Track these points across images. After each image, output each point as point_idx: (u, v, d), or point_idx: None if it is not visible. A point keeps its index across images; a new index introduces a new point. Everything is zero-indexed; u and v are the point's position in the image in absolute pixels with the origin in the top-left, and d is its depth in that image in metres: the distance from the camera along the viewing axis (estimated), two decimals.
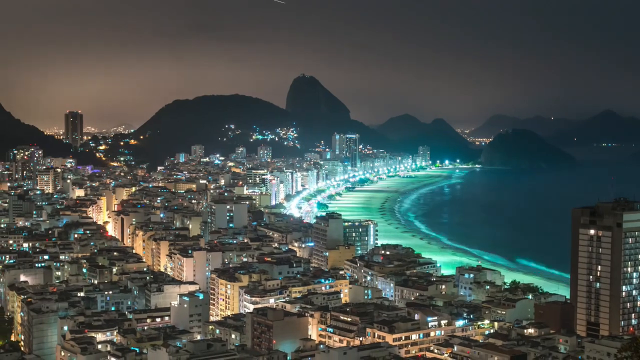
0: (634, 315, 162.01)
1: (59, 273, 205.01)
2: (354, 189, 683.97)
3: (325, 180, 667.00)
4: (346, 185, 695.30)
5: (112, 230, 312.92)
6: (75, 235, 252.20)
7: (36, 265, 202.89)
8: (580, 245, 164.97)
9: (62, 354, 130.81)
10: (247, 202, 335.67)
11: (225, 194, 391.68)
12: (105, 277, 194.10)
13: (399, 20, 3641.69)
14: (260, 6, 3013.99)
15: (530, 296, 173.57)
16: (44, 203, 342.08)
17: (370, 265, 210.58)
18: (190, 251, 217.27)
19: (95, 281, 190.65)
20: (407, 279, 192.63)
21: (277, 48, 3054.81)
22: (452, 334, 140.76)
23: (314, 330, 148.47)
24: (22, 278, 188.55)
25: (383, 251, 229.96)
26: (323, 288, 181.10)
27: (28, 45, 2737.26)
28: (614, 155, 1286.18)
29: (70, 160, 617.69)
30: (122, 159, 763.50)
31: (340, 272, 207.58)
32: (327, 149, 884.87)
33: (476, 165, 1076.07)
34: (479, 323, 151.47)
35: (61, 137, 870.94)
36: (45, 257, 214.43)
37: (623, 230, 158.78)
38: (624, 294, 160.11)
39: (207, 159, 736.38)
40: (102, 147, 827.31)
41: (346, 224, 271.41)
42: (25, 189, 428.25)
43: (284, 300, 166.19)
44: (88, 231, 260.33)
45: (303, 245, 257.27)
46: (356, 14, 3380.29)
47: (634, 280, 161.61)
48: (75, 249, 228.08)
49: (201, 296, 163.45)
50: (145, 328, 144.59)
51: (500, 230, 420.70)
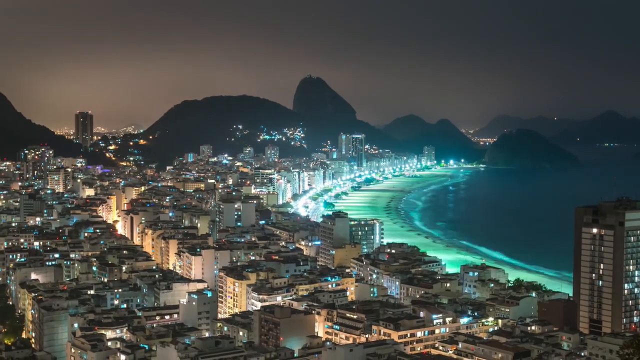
0: (636, 312, 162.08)
1: (69, 271, 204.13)
2: (360, 188, 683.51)
3: (331, 180, 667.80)
4: (352, 185, 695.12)
5: (122, 229, 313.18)
6: (86, 234, 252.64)
7: (47, 263, 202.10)
8: (583, 243, 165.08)
9: (73, 350, 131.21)
10: (255, 202, 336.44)
11: (233, 193, 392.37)
12: (115, 275, 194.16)
13: (405, 23, 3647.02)
14: (267, 9, 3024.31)
15: (533, 294, 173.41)
16: (54, 202, 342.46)
17: (376, 264, 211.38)
18: (198, 250, 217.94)
19: (105, 279, 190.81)
20: (413, 277, 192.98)
21: (284, 50, 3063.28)
22: (457, 331, 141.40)
23: (320, 328, 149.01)
24: (33, 276, 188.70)
25: (389, 249, 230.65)
26: (329, 286, 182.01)
27: (39, 46, 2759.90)
28: (616, 155, 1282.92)
29: (81, 160, 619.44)
30: (132, 158, 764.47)
31: (347, 270, 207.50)
32: (334, 149, 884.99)
33: (480, 165, 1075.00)
34: (483, 320, 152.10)
35: (71, 137, 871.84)
36: (56, 256, 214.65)
37: (625, 229, 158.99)
38: (626, 291, 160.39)
39: (216, 158, 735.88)
40: (112, 147, 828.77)
41: (352, 222, 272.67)
42: (36, 188, 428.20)
43: (291, 298, 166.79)
44: (98, 230, 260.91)
45: (310, 244, 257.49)
46: (363, 16, 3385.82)
47: (636, 278, 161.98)
48: (86, 248, 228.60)
49: (209, 294, 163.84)
50: (155, 325, 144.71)
51: (504, 229, 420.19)
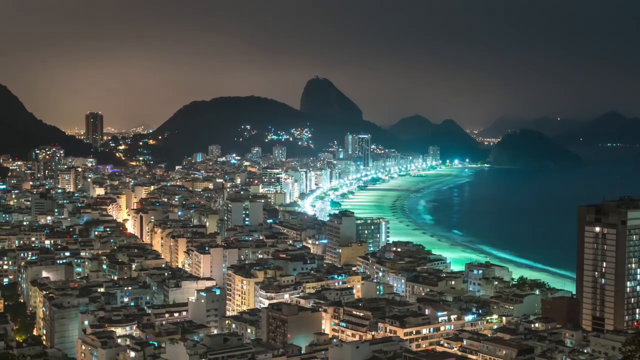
0: (638, 310, 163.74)
1: (79, 269, 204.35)
2: (366, 187, 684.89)
3: (338, 179, 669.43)
4: (358, 184, 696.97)
5: (132, 227, 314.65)
6: (96, 233, 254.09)
7: (58, 261, 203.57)
8: (586, 242, 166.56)
9: (83, 347, 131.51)
10: (263, 201, 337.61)
11: (241, 192, 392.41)
12: (125, 273, 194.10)
13: (411, 25, 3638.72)
14: (275, 11, 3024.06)
15: (537, 292, 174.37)
16: (65, 201, 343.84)
17: (382, 262, 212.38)
18: (207, 248, 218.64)
19: (115, 277, 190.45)
20: (418, 275, 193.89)
21: (292, 51, 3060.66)
22: (462, 328, 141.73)
23: (327, 325, 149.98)
24: (44, 274, 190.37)
25: (394, 248, 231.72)
26: (336, 284, 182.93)
27: (49, 47, 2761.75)
28: (618, 155, 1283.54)
29: (91, 159, 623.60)
30: (141, 158, 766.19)
31: (353, 269, 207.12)
32: (340, 149, 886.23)
33: (485, 165, 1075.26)
34: (488, 318, 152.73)
35: (82, 138, 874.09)
36: (67, 254, 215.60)
37: (627, 228, 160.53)
38: (628, 289, 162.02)
39: (224, 158, 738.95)
40: (122, 147, 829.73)
41: (359, 221, 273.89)
42: (47, 187, 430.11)
43: (298, 295, 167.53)
44: (108, 228, 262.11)
45: (317, 242, 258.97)
46: (369, 18, 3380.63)
47: (638, 276, 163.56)
48: (96, 246, 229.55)
49: (218, 292, 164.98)
50: (164, 323, 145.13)
51: (509, 228, 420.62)
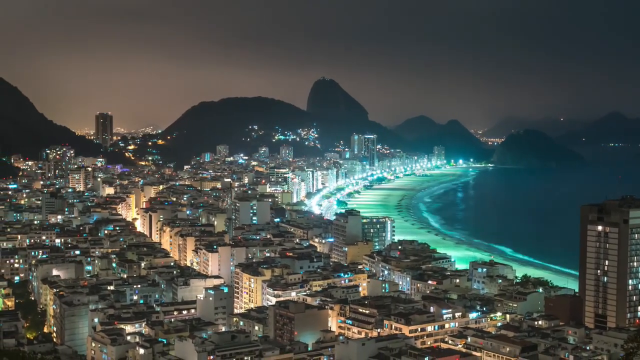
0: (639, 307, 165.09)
1: (89, 267, 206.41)
2: (372, 187, 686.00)
3: (344, 179, 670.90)
4: (364, 184, 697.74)
5: (141, 226, 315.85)
6: (106, 231, 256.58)
7: (68, 260, 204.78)
8: (589, 240, 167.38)
9: (93, 345, 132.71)
10: (270, 200, 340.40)
11: (249, 191, 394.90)
12: (134, 272, 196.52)
13: (416, 26, 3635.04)
14: (282, 12, 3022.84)
15: (540, 290, 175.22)
16: (75, 200, 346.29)
17: (387, 260, 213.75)
18: (215, 246, 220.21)
19: (125, 275, 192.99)
20: (423, 273, 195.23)
21: (298, 52, 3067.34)
22: (466, 325, 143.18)
23: (333, 322, 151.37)
24: (55, 272, 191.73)
25: (400, 246, 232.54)
26: (342, 282, 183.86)
27: (60, 48, 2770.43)
28: (620, 155, 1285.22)
29: (101, 159, 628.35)
30: (150, 158, 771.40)
31: (359, 267, 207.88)
32: (346, 149, 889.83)
33: (489, 165, 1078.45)
34: (492, 315, 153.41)
35: (92, 138, 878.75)
36: (77, 252, 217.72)
37: (629, 227, 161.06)
38: (630, 287, 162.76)
39: (232, 158, 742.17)
40: (131, 147, 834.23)
41: (364, 220, 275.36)
42: (57, 187, 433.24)
43: (305, 293, 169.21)
44: (118, 227, 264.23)
45: (323, 241, 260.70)
46: (375, 20, 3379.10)
47: None
48: (106, 245, 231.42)
49: (226, 290, 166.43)
50: (172, 320, 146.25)
51: (512, 227, 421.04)
